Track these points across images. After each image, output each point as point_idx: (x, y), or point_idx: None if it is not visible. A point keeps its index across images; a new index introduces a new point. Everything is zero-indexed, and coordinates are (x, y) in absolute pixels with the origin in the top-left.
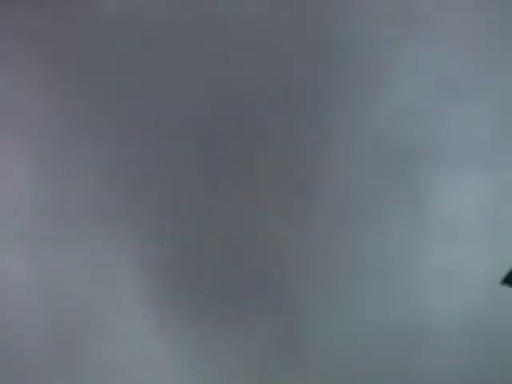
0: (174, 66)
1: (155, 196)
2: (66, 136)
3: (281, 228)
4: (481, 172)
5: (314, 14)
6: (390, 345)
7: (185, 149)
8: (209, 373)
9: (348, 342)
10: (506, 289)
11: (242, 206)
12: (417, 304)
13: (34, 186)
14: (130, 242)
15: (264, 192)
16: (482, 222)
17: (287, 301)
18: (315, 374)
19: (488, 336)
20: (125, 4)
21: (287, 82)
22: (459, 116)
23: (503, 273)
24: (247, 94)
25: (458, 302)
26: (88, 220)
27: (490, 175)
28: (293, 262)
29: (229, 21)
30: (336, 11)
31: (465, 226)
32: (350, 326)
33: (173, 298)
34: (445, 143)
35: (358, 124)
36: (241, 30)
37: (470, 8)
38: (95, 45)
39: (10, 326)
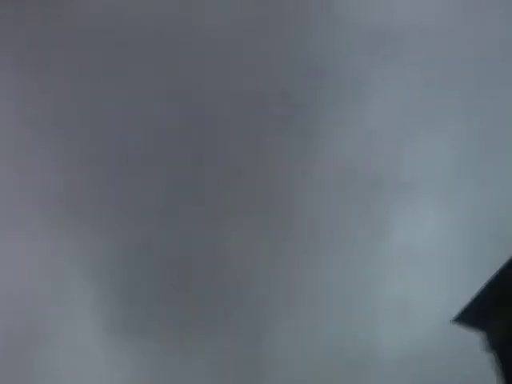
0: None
1: (109, 210)
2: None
3: (242, 251)
4: (440, 202)
5: (287, 38)
6: (341, 364)
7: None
8: None
9: (303, 359)
10: (452, 324)
11: (203, 231)
12: (370, 329)
13: None
14: (82, 255)
15: (232, 215)
16: (438, 253)
17: (247, 320)
18: None
19: (435, 363)
20: (101, 10)
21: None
22: (423, 146)
23: (456, 303)
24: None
25: (408, 330)
26: (38, 228)
27: (449, 206)
28: (254, 284)
29: (205, 34)
30: (308, 39)
31: (422, 255)
32: (305, 346)
33: (124, 310)
34: (407, 173)
35: (325, 151)
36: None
37: (443, 39)
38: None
39: None
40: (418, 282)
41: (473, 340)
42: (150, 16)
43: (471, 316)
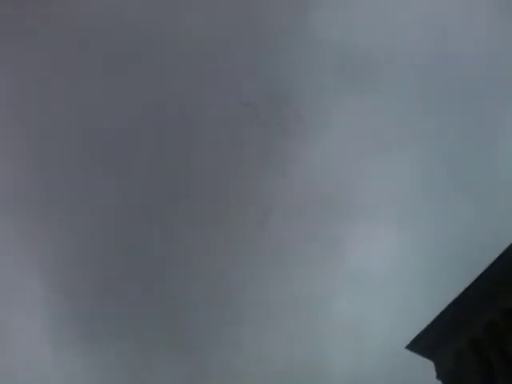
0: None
1: (60, 208)
2: None
3: (199, 265)
4: (397, 227)
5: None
6: (291, 379)
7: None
8: None
9: (251, 375)
10: (404, 350)
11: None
12: (319, 348)
13: None
14: (31, 254)
15: (194, 223)
16: (393, 277)
17: (195, 338)
18: None
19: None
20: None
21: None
22: (382, 171)
23: (407, 329)
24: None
25: (357, 355)
26: None
27: (406, 230)
28: (202, 304)
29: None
30: (279, 57)
31: (377, 278)
32: (255, 363)
33: (71, 310)
34: (366, 196)
35: (286, 173)
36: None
37: (411, 67)
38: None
39: None
40: (372, 304)
41: (425, 366)
42: (127, 20)
43: (423, 344)
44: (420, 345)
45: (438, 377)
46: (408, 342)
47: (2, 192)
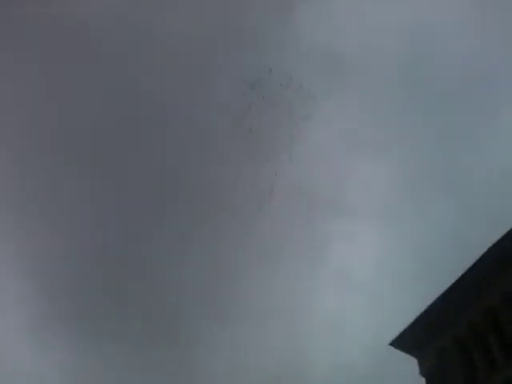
0: None
1: (40, 208)
2: None
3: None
4: (380, 228)
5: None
6: (273, 375)
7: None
8: None
9: (231, 369)
10: (387, 347)
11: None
12: (302, 347)
13: None
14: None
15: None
16: (374, 277)
17: (181, 338)
18: None
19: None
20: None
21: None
22: (367, 173)
23: (390, 326)
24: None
25: (339, 353)
26: None
27: (389, 232)
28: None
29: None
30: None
31: (359, 276)
32: (237, 361)
33: (49, 308)
34: (350, 198)
35: (270, 172)
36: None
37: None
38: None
39: None
40: (355, 302)
41: (408, 364)
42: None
43: (406, 341)
44: (403, 342)
45: (421, 373)
46: (391, 339)
47: None
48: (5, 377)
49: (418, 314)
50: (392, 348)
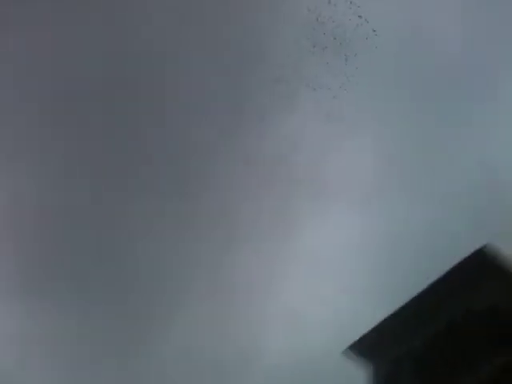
0: None
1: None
2: None
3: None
4: (356, 211)
5: None
6: (224, 367)
7: None
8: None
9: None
10: (346, 338)
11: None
12: (255, 337)
13: None
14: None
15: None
16: (345, 262)
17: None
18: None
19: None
20: None
21: None
22: (345, 153)
23: (353, 319)
24: None
25: (299, 338)
26: None
27: (365, 215)
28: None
29: None
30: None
31: (327, 263)
32: (186, 350)
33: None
34: (327, 178)
35: (246, 147)
36: None
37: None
38: None
39: None
40: (318, 292)
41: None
42: None
43: (362, 348)
44: (359, 348)
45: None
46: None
47: None
48: None
49: (379, 321)
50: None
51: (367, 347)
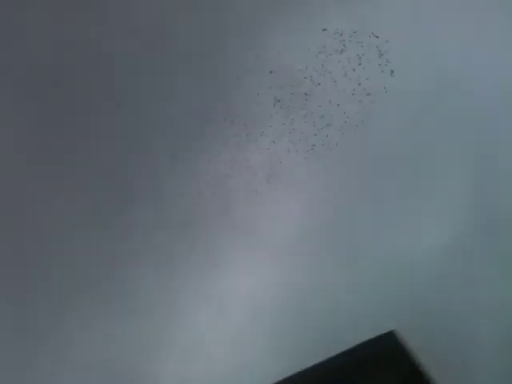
0: None
1: None
2: None
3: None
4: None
5: None
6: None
7: None
8: None
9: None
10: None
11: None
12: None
13: None
14: None
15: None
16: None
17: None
18: None
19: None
20: None
21: None
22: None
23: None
24: None
25: (223, 319)
26: None
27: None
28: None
29: None
30: None
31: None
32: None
33: None
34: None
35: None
36: None
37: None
38: None
39: None
40: (261, 275)
41: None
42: None
43: None
44: None
45: None
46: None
47: None
48: None
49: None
50: None
51: None
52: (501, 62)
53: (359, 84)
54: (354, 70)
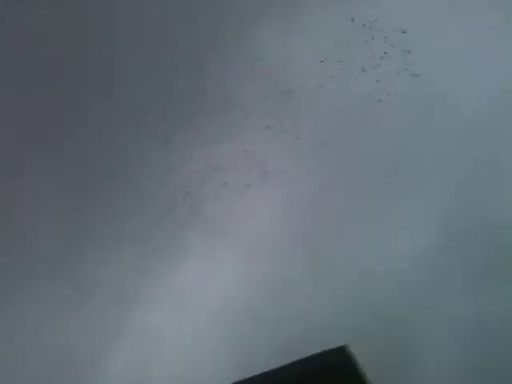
0: None
1: None
2: None
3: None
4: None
5: None
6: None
7: None
8: None
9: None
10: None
11: None
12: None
13: None
14: None
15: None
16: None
17: None
18: None
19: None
20: None
21: None
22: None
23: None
24: None
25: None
26: None
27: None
28: None
29: None
30: None
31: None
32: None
33: None
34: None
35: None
36: None
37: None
38: None
39: None
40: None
41: None
42: None
43: None
44: None
45: None
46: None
47: None
48: None
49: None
50: None
51: None
52: None
53: (377, 81)
54: (362, 69)
